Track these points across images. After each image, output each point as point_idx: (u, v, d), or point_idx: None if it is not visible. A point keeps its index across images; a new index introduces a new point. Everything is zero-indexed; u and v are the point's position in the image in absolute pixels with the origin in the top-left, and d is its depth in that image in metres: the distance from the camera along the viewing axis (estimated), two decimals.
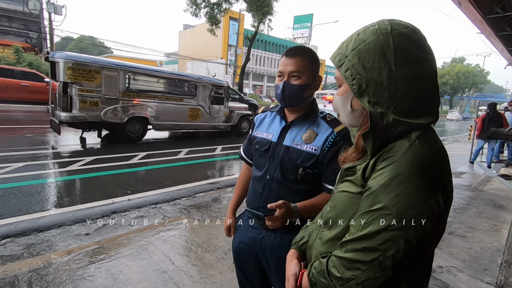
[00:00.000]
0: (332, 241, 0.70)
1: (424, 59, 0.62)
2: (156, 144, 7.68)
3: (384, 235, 0.56)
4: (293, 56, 1.09)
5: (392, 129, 0.63)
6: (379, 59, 0.62)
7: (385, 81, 0.62)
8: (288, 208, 1.02)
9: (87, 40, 45.00)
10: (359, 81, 0.64)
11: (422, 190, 0.56)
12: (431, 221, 0.57)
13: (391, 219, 0.56)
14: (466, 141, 12.28)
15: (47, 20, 17.47)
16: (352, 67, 0.65)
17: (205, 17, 18.16)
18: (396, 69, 0.61)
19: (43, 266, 2.16)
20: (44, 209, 3.19)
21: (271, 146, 1.18)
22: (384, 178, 0.59)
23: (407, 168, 0.56)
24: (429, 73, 0.63)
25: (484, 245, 2.96)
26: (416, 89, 0.61)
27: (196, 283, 2.08)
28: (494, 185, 5.53)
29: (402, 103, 0.62)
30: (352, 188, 0.69)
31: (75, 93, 6.15)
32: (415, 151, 0.58)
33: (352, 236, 0.61)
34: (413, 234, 0.56)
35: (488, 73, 57.16)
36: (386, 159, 0.61)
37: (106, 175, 4.51)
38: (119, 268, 2.19)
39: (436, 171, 0.58)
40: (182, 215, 3.26)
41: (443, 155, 0.61)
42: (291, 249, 0.89)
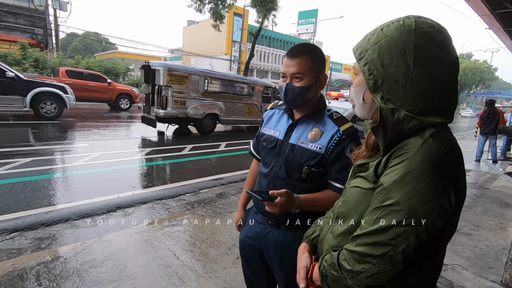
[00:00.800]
0: (343, 235, 0.71)
1: (445, 61, 0.61)
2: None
3: (395, 230, 0.57)
4: (295, 56, 1.07)
5: (403, 125, 0.62)
6: (398, 57, 0.61)
7: (400, 79, 0.61)
8: (290, 198, 1.03)
9: (92, 36, 45.16)
10: (375, 77, 0.64)
11: (434, 187, 0.56)
12: (442, 218, 0.58)
13: (402, 215, 0.57)
14: (473, 139, 12.14)
15: (52, 16, 17.55)
16: (371, 62, 0.65)
17: (209, 13, 18.06)
18: (414, 68, 0.60)
19: (51, 260, 2.19)
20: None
21: (278, 143, 1.18)
22: (396, 175, 0.59)
23: (420, 165, 0.57)
24: (449, 76, 0.62)
25: (490, 243, 2.94)
26: (432, 90, 0.61)
27: (200, 278, 2.10)
28: (501, 183, 5.47)
29: (416, 102, 0.61)
30: (365, 184, 0.70)
31: (170, 94, 7.68)
32: (428, 149, 0.58)
33: (363, 230, 0.62)
34: (424, 230, 0.57)
35: (496, 69, 56.33)
36: (399, 156, 0.61)
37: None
38: (124, 263, 2.22)
39: (449, 168, 0.58)
40: (187, 211, 3.28)
41: (457, 153, 0.60)
42: (302, 242, 0.91)
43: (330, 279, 0.67)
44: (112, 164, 4.85)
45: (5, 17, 17.25)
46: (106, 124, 9.31)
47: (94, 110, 12.51)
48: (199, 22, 39.06)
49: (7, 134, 6.50)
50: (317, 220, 0.93)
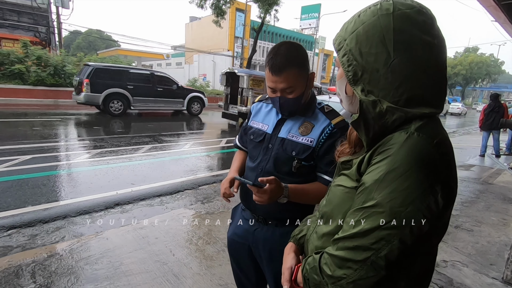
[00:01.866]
0: (327, 236, 0.68)
1: (429, 44, 0.55)
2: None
3: (377, 234, 0.53)
4: (279, 72, 1.00)
5: (386, 117, 0.58)
6: (377, 44, 0.56)
7: (381, 68, 0.56)
8: (279, 186, 1.00)
9: (94, 34, 45.23)
10: (354, 68, 0.60)
11: (419, 186, 0.51)
12: (428, 220, 0.53)
13: (384, 217, 0.52)
14: (478, 133, 11.97)
15: (55, 14, 17.59)
16: (349, 52, 0.60)
17: (211, 9, 17.96)
18: (395, 54, 0.55)
19: (47, 257, 2.20)
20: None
21: (266, 137, 1.15)
22: (378, 173, 0.55)
23: (404, 162, 0.52)
24: (435, 61, 0.56)
25: (492, 239, 2.89)
26: (417, 78, 0.56)
27: (195, 275, 2.09)
28: (505, 178, 5.38)
29: (400, 92, 0.56)
30: (348, 182, 0.66)
31: (251, 95, 9.21)
32: (413, 144, 0.53)
33: (344, 233, 0.58)
34: (408, 234, 0.52)
35: (502, 62, 55.35)
36: (382, 152, 0.56)
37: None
38: (120, 259, 2.21)
39: (436, 165, 0.53)
40: (185, 207, 3.27)
41: (446, 149, 0.55)
42: (289, 242, 0.88)
43: (312, 283, 0.64)
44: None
45: (8, 16, 17.33)
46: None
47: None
48: (201, 18, 38.90)
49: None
50: (306, 219, 0.91)
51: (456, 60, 51.00)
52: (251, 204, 1.14)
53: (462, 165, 6.31)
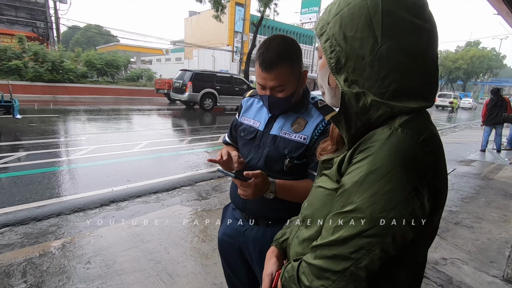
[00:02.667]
0: (307, 241, 0.63)
1: (420, 29, 0.50)
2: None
3: (356, 242, 0.47)
4: (271, 68, 0.93)
5: (370, 113, 0.52)
6: (363, 28, 0.50)
7: (367, 55, 0.50)
8: (265, 180, 0.95)
9: (93, 29, 44.94)
10: (338, 55, 0.53)
11: (403, 189, 0.46)
12: (413, 227, 0.47)
13: (364, 224, 0.47)
14: (479, 128, 11.89)
15: (53, 9, 17.41)
16: (333, 37, 0.54)
17: (210, 3, 17.76)
18: (382, 40, 0.49)
19: (39, 255, 2.16)
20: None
21: (258, 135, 1.09)
22: (358, 174, 0.49)
23: (386, 161, 0.46)
24: (426, 48, 0.51)
25: (492, 236, 2.85)
26: (406, 66, 0.49)
27: (190, 274, 2.05)
28: (506, 173, 5.32)
29: (387, 83, 0.50)
30: (328, 183, 0.60)
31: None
32: (396, 141, 0.47)
33: (323, 240, 0.53)
34: (391, 243, 0.47)
35: (504, 56, 54.86)
36: (363, 150, 0.50)
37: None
38: (113, 258, 2.17)
39: (422, 166, 0.47)
40: (180, 204, 3.23)
41: (434, 147, 0.49)
42: (271, 246, 0.82)
43: None
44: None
45: (6, 11, 17.16)
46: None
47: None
48: (200, 13, 38.59)
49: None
50: (290, 221, 0.85)
51: (458, 54, 50.57)
52: (241, 203, 1.09)
53: (463, 160, 6.26)
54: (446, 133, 10.94)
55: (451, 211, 3.40)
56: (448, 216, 3.23)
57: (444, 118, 17.89)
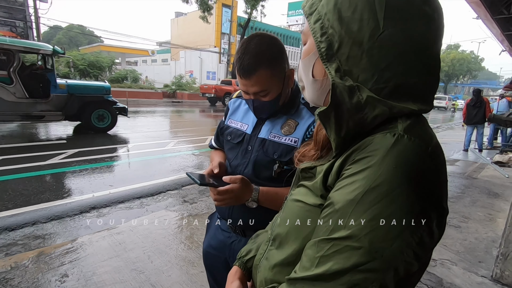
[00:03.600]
0: (280, 267, 0.52)
1: (430, 19, 0.42)
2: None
3: (349, 278, 0.37)
4: (248, 75, 0.85)
5: (365, 112, 0.43)
6: (363, 9, 0.41)
7: (366, 41, 0.41)
8: (246, 187, 0.87)
9: (76, 29, 43.74)
10: (329, 39, 0.44)
11: (410, 211, 0.36)
12: (418, 259, 0.38)
13: (361, 255, 0.37)
14: (460, 128, 12.25)
15: (32, 8, 16.81)
16: (325, 17, 0.44)
17: (196, 4, 17.63)
18: (385, 25, 0.40)
19: (10, 269, 2.00)
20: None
21: (245, 138, 1.01)
22: (354, 191, 0.39)
23: (391, 176, 0.37)
24: (433, 40, 0.42)
25: (479, 235, 2.87)
26: (410, 60, 0.41)
27: (174, 284, 1.95)
28: (489, 172, 5.46)
29: (387, 77, 0.42)
30: (309, 197, 0.50)
31: None
32: (403, 151, 0.38)
33: (304, 272, 0.42)
34: (392, 278, 0.37)
35: (482, 59, 57.15)
36: (360, 160, 0.41)
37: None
38: (92, 269, 2.04)
39: (432, 182, 0.38)
40: (166, 209, 3.11)
41: (442, 158, 0.41)
42: (233, 265, 0.71)
43: None
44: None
45: None
46: None
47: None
48: (187, 14, 38.24)
49: None
50: (256, 234, 0.75)
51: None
52: (227, 212, 1.01)
53: (447, 160, 6.38)
54: None
55: None
56: None
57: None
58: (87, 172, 4.17)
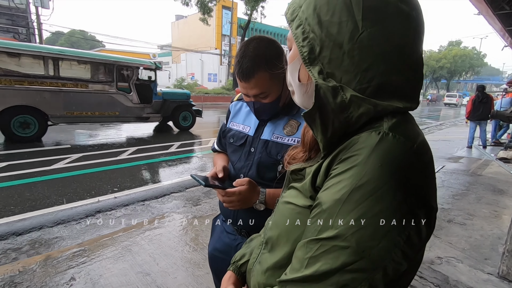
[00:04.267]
0: (272, 270, 0.53)
1: (407, 16, 0.42)
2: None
3: (338, 278, 0.37)
4: (247, 78, 0.87)
5: (350, 111, 0.43)
6: (341, 11, 0.42)
7: (346, 43, 0.42)
8: (253, 189, 0.89)
9: (78, 34, 44.04)
10: (311, 43, 0.45)
11: (397, 210, 0.37)
12: (407, 258, 0.38)
13: (349, 255, 0.37)
14: (464, 125, 12.17)
15: (35, 14, 16.99)
16: (305, 21, 0.45)
17: (196, 6, 17.70)
18: (363, 26, 0.41)
19: (19, 273, 2.02)
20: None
21: (248, 140, 1.02)
22: (340, 190, 0.39)
23: (377, 174, 0.37)
24: (412, 38, 0.43)
25: (484, 232, 2.86)
26: (391, 59, 0.42)
27: (181, 285, 1.96)
28: (493, 169, 5.42)
29: (369, 77, 0.42)
30: (299, 199, 0.50)
31: None
32: (388, 149, 0.38)
33: (294, 274, 0.42)
34: (381, 278, 0.37)
35: (485, 55, 56.68)
36: (346, 160, 0.41)
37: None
38: (99, 272, 2.06)
39: (418, 180, 0.39)
40: (171, 212, 3.12)
41: (428, 156, 0.42)
42: (228, 270, 0.71)
43: None
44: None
45: None
46: None
47: None
48: (187, 17, 38.41)
49: None
50: (250, 238, 0.75)
51: (441, 53, 51.95)
52: (231, 214, 1.02)
53: (451, 157, 6.35)
54: (433, 131, 11.14)
55: (443, 208, 3.41)
56: (441, 214, 3.24)
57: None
58: (91, 176, 4.20)
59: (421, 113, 20.81)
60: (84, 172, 4.36)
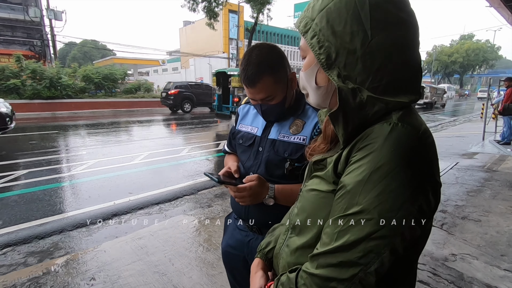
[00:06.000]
0: (302, 250, 0.59)
1: (406, 23, 0.51)
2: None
3: (365, 246, 0.45)
4: (253, 84, 0.94)
5: (367, 109, 0.51)
6: (352, 22, 0.50)
7: (358, 50, 0.50)
8: (262, 184, 0.94)
9: (89, 44, 45.29)
10: (327, 50, 0.53)
11: (409, 185, 0.45)
12: (420, 224, 0.46)
13: (372, 225, 0.45)
14: (479, 120, 11.86)
15: (48, 27, 17.58)
16: (320, 32, 0.53)
17: (203, 12, 17.92)
18: (372, 34, 0.49)
19: (42, 274, 2.13)
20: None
21: (256, 140, 1.08)
22: (361, 173, 0.47)
23: (390, 158, 0.45)
24: (412, 40, 0.52)
25: (501, 229, 2.80)
26: (396, 59, 0.51)
27: (196, 285, 2.02)
28: (510, 164, 5.28)
29: (380, 76, 0.51)
30: (323, 185, 0.57)
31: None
32: (398, 136, 0.47)
33: (325, 247, 0.49)
34: (400, 242, 0.45)
35: (499, 48, 54.97)
36: (363, 148, 0.49)
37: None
38: (117, 272, 2.14)
39: (424, 160, 0.47)
40: (184, 214, 3.20)
41: (431, 140, 0.50)
42: (255, 257, 0.78)
43: None
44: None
45: (3, 31, 17.33)
46: None
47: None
48: (194, 22, 38.90)
49: None
50: (273, 228, 0.82)
51: (453, 48, 50.75)
52: (243, 212, 1.07)
53: (466, 153, 6.22)
54: (447, 127, 10.91)
55: (457, 205, 3.36)
56: (455, 211, 3.19)
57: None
58: (107, 180, 4.34)
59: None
60: (100, 177, 4.50)
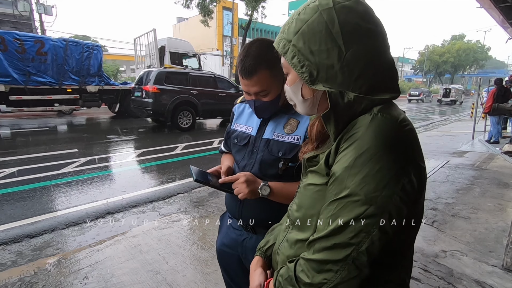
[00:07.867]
0: (301, 243, 0.62)
1: (374, 32, 0.56)
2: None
3: (355, 226, 0.49)
4: (250, 75, 0.93)
5: (355, 107, 0.56)
6: (326, 40, 0.55)
7: (336, 64, 0.55)
8: (252, 177, 0.98)
9: (80, 39, 44.46)
10: (309, 68, 0.57)
11: (391, 167, 0.49)
12: (405, 203, 0.50)
13: (360, 206, 0.49)
14: (469, 119, 12.09)
15: (38, 22, 17.20)
16: (299, 53, 0.58)
17: (197, 8, 17.78)
18: (346, 48, 0.54)
19: (34, 274, 2.10)
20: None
21: (250, 140, 1.08)
22: (348, 160, 0.52)
23: (372, 143, 0.50)
24: (382, 46, 0.57)
25: (489, 225, 2.87)
26: (372, 66, 0.56)
27: (190, 283, 2.02)
28: (498, 162, 5.41)
29: (360, 84, 0.55)
30: (317, 179, 0.61)
31: None
32: (378, 124, 0.51)
33: (320, 233, 0.53)
34: (388, 221, 0.49)
35: (489, 48, 55.89)
36: (348, 138, 0.54)
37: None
38: (111, 271, 2.13)
39: (404, 144, 0.51)
40: (178, 212, 3.19)
41: (410, 126, 0.54)
42: (255, 256, 0.80)
43: None
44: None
45: None
46: None
47: None
48: (188, 19, 38.55)
49: None
50: (272, 228, 0.84)
51: (444, 48, 51.43)
52: (237, 211, 1.07)
53: (456, 152, 6.33)
54: (438, 126, 11.09)
55: (447, 203, 3.42)
56: (445, 208, 3.26)
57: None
58: (99, 178, 4.29)
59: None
60: (93, 175, 4.45)
